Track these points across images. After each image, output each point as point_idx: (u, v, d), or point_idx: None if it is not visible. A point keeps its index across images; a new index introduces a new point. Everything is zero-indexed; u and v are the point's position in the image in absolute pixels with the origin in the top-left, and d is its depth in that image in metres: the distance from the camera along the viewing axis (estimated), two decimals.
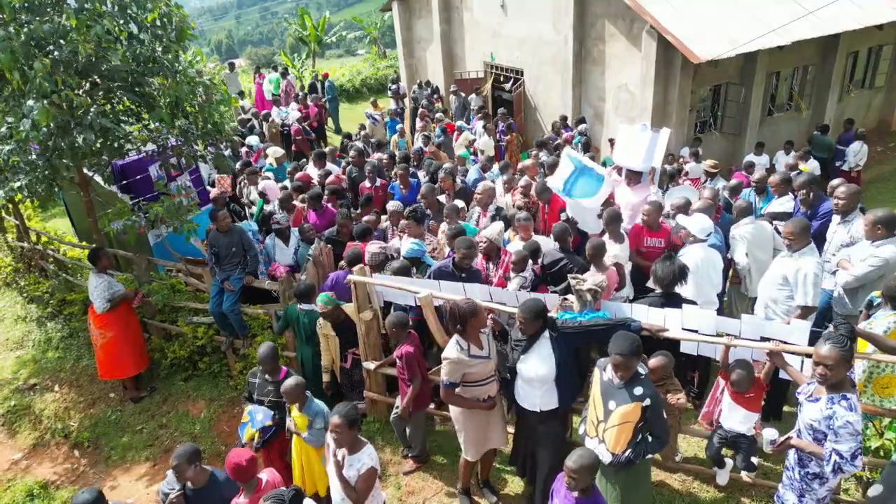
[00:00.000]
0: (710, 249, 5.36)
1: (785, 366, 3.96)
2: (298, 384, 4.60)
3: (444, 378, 4.29)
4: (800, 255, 4.91)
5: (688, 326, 4.35)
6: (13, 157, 5.81)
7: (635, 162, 7.09)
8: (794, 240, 4.91)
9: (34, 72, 5.07)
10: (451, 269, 5.45)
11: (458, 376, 4.25)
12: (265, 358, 4.94)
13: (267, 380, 5.01)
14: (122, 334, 6.74)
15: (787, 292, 4.97)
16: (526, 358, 4.18)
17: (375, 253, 5.86)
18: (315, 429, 4.59)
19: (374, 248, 5.92)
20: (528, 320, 4.02)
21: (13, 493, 6.04)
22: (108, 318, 6.62)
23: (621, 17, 12.12)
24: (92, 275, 6.63)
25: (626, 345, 3.56)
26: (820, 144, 12.04)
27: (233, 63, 19.39)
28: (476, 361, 4.23)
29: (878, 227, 4.91)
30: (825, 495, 3.68)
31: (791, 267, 4.92)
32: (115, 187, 7.77)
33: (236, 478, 3.82)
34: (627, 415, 3.61)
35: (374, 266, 5.73)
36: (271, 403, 4.96)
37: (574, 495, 3.43)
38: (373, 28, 31.18)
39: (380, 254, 5.87)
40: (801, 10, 11.57)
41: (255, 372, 5.13)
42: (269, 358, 4.95)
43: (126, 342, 6.79)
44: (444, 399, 4.39)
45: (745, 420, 4.17)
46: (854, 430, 3.32)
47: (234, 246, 6.37)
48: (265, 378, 5.02)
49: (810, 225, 5.03)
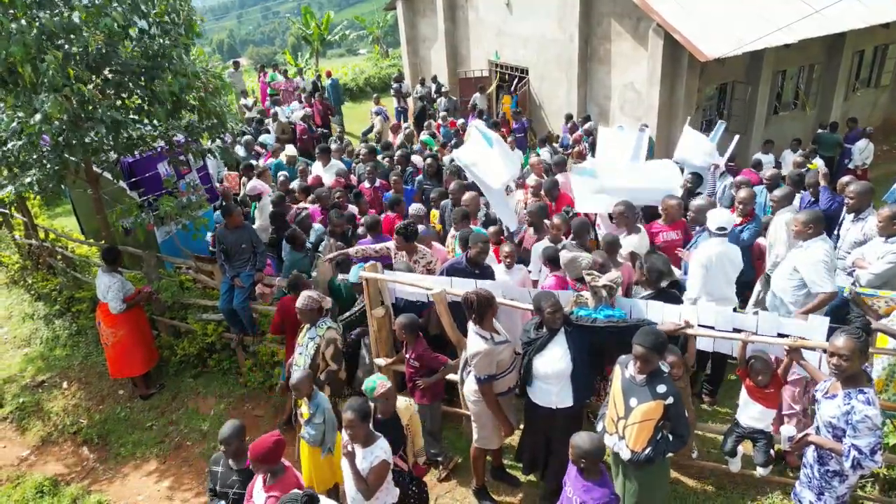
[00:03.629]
0: (728, 244, 5.29)
1: (803, 362, 3.95)
2: (308, 376, 4.55)
3: (479, 375, 4.29)
4: (809, 244, 4.88)
5: (704, 323, 4.33)
6: (23, 152, 5.80)
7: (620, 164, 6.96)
8: (802, 231, 4.90)
9: (46, 64, 5.06)
10: (465, 265, 5.44)
11: (493, 367, 4.28)
12: (229, 437, 3.97)
13: (231, 468, 4.09)
14: (132, 333, 6.73)
15: (795, 282, 4.95)
16: (542, 354, 4.18)
17: (308, 298, 5.04)
18: (314, 423, 4.50)
19: (307, 295, 5.08)
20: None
21: (23, 489, 6.03)
22: (119, 316, 6.60)
23: (627, 16, 12.12)
24: (103, 274, 6.58)
25: (649, 338, 3.56)
26: (827, 142, 12.02)
27: (237, 62, 19.39)
28: (502, 347, 4.30)
29: (895, 223, 4.91)
30: (845, 492, 3.66)
31: (800, 257, 4.91)
32: (123, 184, 7.76)
33: (264, 462, 3.67)
34: (649, 412, 3.60)
35: (303, 311, 5.00)
36: (237, 497, 4.01)
37: (584, 478, 3.50)
38: (375, 27, 31.19)
39: (313, 301, 5.03)
40: (808, 8, 11.56)
41: (217, 458, 4.21)
42: (235, 437, 3.98)
43: (136, 340, 6.78)
44: (484, 394, 4.36)
45: (763, 416, 4.15)
46: (873, 424, 3.31)
47: (243, 243, 6.35)
48: (229, 466, 4.10)
49: (822, 216, 5.00)
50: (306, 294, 5.03)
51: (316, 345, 4.97)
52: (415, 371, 5.00)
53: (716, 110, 13.30)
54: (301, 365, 5.01)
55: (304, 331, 5.11)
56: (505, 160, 6.54)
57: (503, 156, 6.56)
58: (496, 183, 6.34)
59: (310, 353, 4.98)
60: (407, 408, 4.35)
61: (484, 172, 6.34)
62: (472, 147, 6.72)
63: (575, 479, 3.56)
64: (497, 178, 6.34)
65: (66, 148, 5.78)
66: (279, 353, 6.65)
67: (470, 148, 6.73)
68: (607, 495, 3.48)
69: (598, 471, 3.53)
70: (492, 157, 6.47)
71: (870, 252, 5.16)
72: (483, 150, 6.55)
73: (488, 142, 6.65)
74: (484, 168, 6.37)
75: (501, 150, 6.63)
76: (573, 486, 3.58)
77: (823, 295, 4.73)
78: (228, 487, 4.05)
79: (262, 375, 6.72)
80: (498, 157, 6.50)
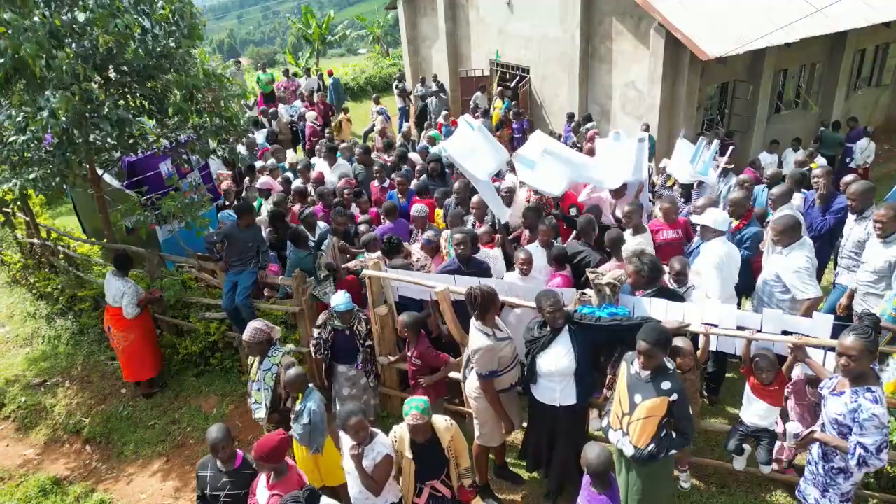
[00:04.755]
0: (730, 244, 5.32)
1: (807, 360, 3.94)
2: (299, 374, 4.50)
3: (480, 371, 4.30)
4: (789, 251, 4.95)
5: (708, 321, 4.33)
6: (27, 150, 5.80)
7: (619, 175, 6.87)
8: (780, 237, 4.96)
9: (58, 61, 5.08)
10: (457, 265, 5.46)
11: (494, 363, 4.29)
12: (218, 441, 3.91)
13: (221, 470, 4.01)
14: (144, 336, 6.77)
15: (781, 288, 5.02)
16: (546, 353, 4.18)
17: (255, 330, 4.80)
18: (300, 423, 4.42)
19: (254, 326, 4.83)
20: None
21: (26, 488, 6.03)
22: (131, 321, 6.61)
23: (629, 15, 12.12)
24: (115, 279, 6.56)
25: (653, 334, 3.56)
26: (829, 141, 12.02)
27: (239, 61, 19.42)
28: (504, 343, 4.31)
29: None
30: (849, 489, 3.66)
31: (782, 265, 4.98)
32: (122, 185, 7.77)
33: (269, 461, 3.67)
34: (653, 409, 3.60)
35: (251, 344, 4.77)
36: (229, 498, 3.98)
37: (594, 490, 3.55)
38: (375, 27, 31.17)
39: (260, 332, 4.80)
40: (809, 7, 11.55)
41: (204, 463, 4.12)
42: (224, 439, 3.94)
43: (147, 343, 6.83)
44: (485, 391, 4.38)
45: (767, 414, 4.15)
46: (880, 422, 3.30)
47: (251, 241, 6.38)
48: (218, 469, 4.02)
49: (798, 222, 5.04)
50: (253, 325, 4.76)
51: (274, 375, 4.79)
52: (417, 369, 5.01)
53: (717, 109, 13.29)
54: (261, 402, 4.83)
55: (256, 364, 4.86)
56: (491, 150, 6.40)
57: (488, 145, 6.42)
58: (483, 174, 6.22)
59: (269, 385, 4.81)
60: (447, 429, 3.97)
61: (471, 164, 6.22)
62: (459, 139, 6.59)
63: (585, 487, 3.62)
64: (483, 169, 6.22)
65: (69, 146, 5.78)
66: None
67: (457, 140, 6.60)
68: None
69: (606, 482, 3.56)
70: (477, 147, 6.34)
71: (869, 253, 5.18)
72: (469, 142, 6.42)
73: (471, 127, 6.53)
74: (471, 160, 6.25)
75: (486, 139, 6.48)
76: (582, 493, 3.66)
77: (808, 301, 4.81)
78: (219, 490, 3.98)
79: None
80: (483, 146, 6.37)
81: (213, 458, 4.03)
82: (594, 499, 3.58)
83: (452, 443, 3.98)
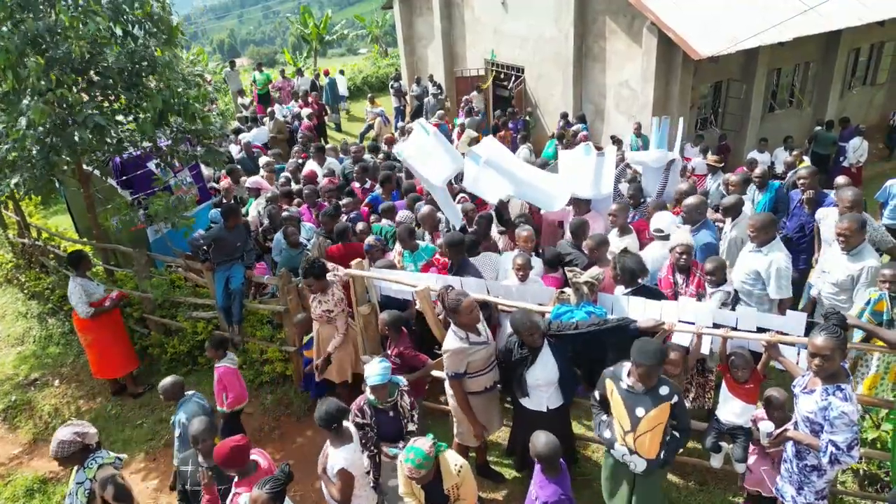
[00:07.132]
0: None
1: (781, 357, 3.95)
2: (175, 383, 4.71)
3: (448, 371, 4.32)
4: (768, 249, 4.96)
5: (684, 319, 4.34)
6: (11, 153, 5.82)
7: (583, 190, 6.56)
8: (756, 235, 4.96)
9: (28, 70, 5.07)
10: None
11: (462, 366, 4.30)
12: (199, 434, 3.89)
13: (202, 466, 3.96)
14: (103, 337, 6.74)
15: (760, 286, 5.04)
16: (531, 369, 4.21)
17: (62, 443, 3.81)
18: (174, 435, 4.40)
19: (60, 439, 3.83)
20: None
21: (13, 487, 6.05)
22: (88, 322, 6.60)
23: (622, 14, 12.11)
24: (69, 278, 6.60)
25: (650, 352, 3.48)
26: (823, 140, 11.99)
27: (234, 61, 19.45)
28: (477, 348, 4.30)
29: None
30: (823, 487, 3.68)
31: (762, 263, 4.98)
32: (114, 182, 7.79)
33: (228, 466, 3.71)
34: (658, 417, 3.59)
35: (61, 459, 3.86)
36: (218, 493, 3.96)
37: (546, 477, 3.64)
38: (374, 26, 31.21)
39: (70, 444, 3.81)
40: (803, 6, 11.54)
41: (186, 458, 4.13)
42: (204, 433, 3.91)
43: (108, 344, 6.80)
44: (453, 390, 4.41)
45: (743, 412, 4.15)
46: (850, 420, 3.31)
47: (239, 241, 6.43)
48: (199, 464, 3.99)
49: (776, 220, 5.05)
50: (58, 437, 3.81)
51: (88, 490, 3.81)
52: (397, 368, 5.01)
53: (711, 108, 13.28)
54: None
55: (73, 475, 3.96)
56: (446, 156, 6.15)
57: (444, 151, 6.16)
58: (438, 180, 6.00)
59: (81, 502, 3.83)
60: (452, 474, 3.62)
61: (426, 170, 6.02)
62: (415, 144, 6.26)
63: (537, 474, 3.67)
64: (438, 175, 5.99)
65: (52, 150, 5.79)
66: (268, 351, 6.68)
67: (412, 144, 6.26)
68: (557, 493, 3.58)
69: (557, 469, 3.62)
70: (433, 153, 6.08)
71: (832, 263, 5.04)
72: (425, 148, 6.15)
73: (426, 132, 6.27)
74: (426, 165, 6.03)
75: (442, 145, 6.21)
76: (535, 480, 3.70)
77: (783, 302, 4.89)
78: (200, 486, 3.95)
79: (252, 373, 6.73)
80: (439, 152, 6.11)
81: (195, 454, 4.04)
82: (546, 485, 3.64)
83: (460, 488, 3.67)
